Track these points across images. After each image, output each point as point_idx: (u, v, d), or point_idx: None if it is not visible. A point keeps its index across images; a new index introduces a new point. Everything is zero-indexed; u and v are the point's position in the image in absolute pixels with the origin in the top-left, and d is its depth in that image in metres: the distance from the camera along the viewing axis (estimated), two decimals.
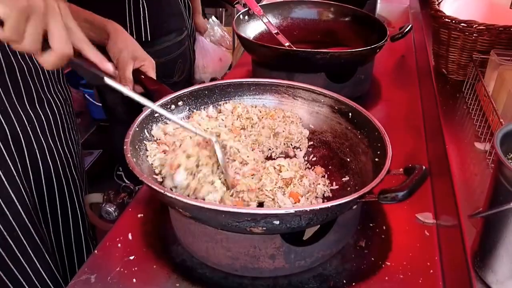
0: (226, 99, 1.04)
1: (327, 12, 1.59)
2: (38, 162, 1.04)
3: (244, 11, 1.49)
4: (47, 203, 1.08)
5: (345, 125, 0.98)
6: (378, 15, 1.89)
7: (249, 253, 0.75)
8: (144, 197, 0.97)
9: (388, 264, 0.80)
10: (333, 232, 0.77)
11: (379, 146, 0.85)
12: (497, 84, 1.01)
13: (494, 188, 0.62)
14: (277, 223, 0.67)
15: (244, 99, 1.06)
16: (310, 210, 0.66)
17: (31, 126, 1.01)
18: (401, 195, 0.68)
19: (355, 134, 0.95)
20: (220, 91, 1.04)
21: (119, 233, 0.87)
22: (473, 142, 0.96)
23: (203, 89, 1.01)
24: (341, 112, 0.99)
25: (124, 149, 0.79)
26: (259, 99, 1.06)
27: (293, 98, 1.05)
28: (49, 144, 1.06)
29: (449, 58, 1.22)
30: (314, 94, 1.02)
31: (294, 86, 1.04)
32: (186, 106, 1.00)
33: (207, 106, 1.02)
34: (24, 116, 0.99)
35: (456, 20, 1.14)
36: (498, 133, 0.62)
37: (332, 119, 1.01)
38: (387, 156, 0.79)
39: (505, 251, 0.61)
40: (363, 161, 0.90)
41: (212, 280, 0.79)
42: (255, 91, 1.06)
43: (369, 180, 0.83)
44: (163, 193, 0.69)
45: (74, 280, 0.78)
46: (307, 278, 0.78)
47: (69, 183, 1.13)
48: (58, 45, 0.66)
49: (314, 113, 1.03)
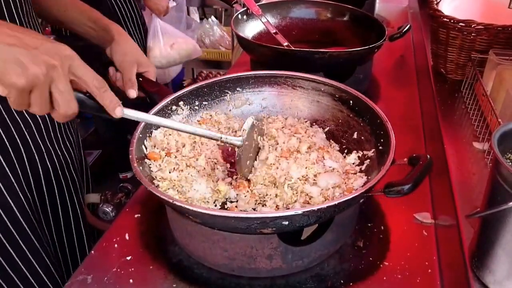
0: (226, 94, 1.04)
1: (326, 11, 1.58)
2: (37, 165, 1.03)
3: (243, 11, 1.49)
4: (49, 206, 1.07)
5: (346, 112, 0.98)
6: (377, 14, 1.89)
7: (246, 253, 0.75)
8: (141, 197, 0.97)
9: (386, 264, 0.80)
10: (330, 232, 0.77)
11: (382, 134, 0.86)
12: (495, 83, 1.01)
13: (492, 188, 0.61)
14: (286, 224, 0.67)
15: (244, 93, 1.05)
16: (317, 209, 0.67)
17: (29, 131, 1.00)
18: (407, 188, 0.69)
19: (357, 121, 0.95)
20: (220, 87, 1.03)
21: (116, 233, 0.87)
22: (472, 142, 0.96)
23: (203, 86, 1.01)
24: (342, 100, 0.98)
25: (130, 159, 0.79)
26: (258, 92, 1.06)
27: (293, 88, 1.04)
28: (47, 147, 1.05)
29: (448, 58, 1.22)
30: (313, 83, 1.02)
31: (293, 76, 1.04)
32: (187, 105, 1.00)
33: (208, 103, 1.02)
34: (21, 121, 0.98)
35: (455, 19, 1.14)
36: (496, 133, 0.62)
37: (334, 107, 1.00)
38: (391, 146, 0.79)
39: (503, 251, 0.60)
40: (368, 149, 0.90)
41: (210, 280, 0.78)
42: (254, 84, 1.05)
43: (375, 168, 0.84)
44: (172, 203, 0.69)
45: (70, 280, 0.78)
46: (305, 278, 0.78)
47: (69, 184, 1.13)
48: (62, 107, 0.67)
49: (315, 102, 1.03)
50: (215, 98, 1.04)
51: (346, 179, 0.86)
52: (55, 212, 1.09)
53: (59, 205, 1.11)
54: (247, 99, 1.06)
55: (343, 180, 0.85)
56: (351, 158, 0.91)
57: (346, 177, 0.86)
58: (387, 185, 0.70)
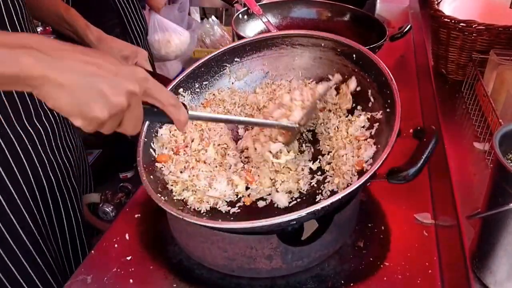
0: (225, 67, 1.01)
1: (327, 11, 1.58)
2: (40, 175, 1.02)
3: (243, 11, 1.49)
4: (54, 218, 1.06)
5: (351, 67, 0.93)
6: (378, 15, 1.88)
7: (246, 254, 0.75)
8: (141, 197, 0.96)
9: (387, 264, 0.80)
10: (329, 232, 0.77)
11: (388, 93, 0.83)
12: (496, 84, 1.00)
13: (493, 189, 0.61)
14: (294, 223, 0.69)
15: (243, 62, 1.01)
16: (328, 204, 0.67)
17: (32, 144, 0.99)
18: (412, 173, 0.66)
19: (363, 77, 0.90)
20: (217, 62, 1.00)
21: (116, 233, 0.87)
22: (472, 142, 0.96)
23: (200, 66, 0.98)
24: (344, 54, 0.94)
25: (139, 171, 0.78)
26: (257, 58, 1.02)
27: (292, 47, 1.00)
28: (48, 156, 1.04)
29: (449, 58, 1.21)
30: (313, 39, 0.97)
31: (291, 34, 0.99)
32: (187, 90, 0.97)
33: (208, 82, 1.00)
34: (24, 134, 0.97)
35: (456, 20, 1.13)
36: (497, 134, 0.61)
37: (337, 61, 0.95)
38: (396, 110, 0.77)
39: (504, 252, 0.60)
40: (376, 109, 0.86)
41: (210, 281, 0.78)
42: (251, 51, 1.01)
43: (383, 135, 0.81)
44: (182, 219, 0.70)
45: (70, 280, 0.78)
46: (305, 279, 0.78)
47: (69, 190, 1.11)
48: (130, 130, 0.61)
49: (317, 58, 0.98)
50: (214, 75, 1.00)
51: (356, 149, 0.82)
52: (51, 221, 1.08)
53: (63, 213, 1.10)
54: (248, 69, 1.02)
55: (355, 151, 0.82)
56: (361, 120, 0.87)
57: (357, 145, 0.83)
58: (389, 172, 0.68)
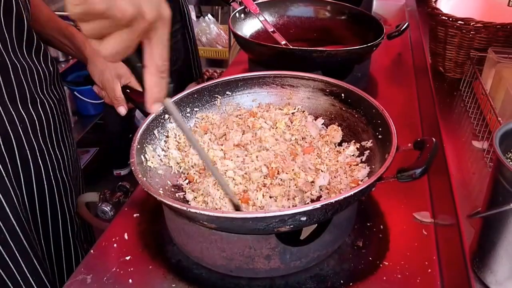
0: (216, 98, 1.03)
1: (324, 10, 1.58)
2: (29, 164, 1.01)
3: (240, 9, 1.49)
4: (38, 207, 1.05)
5: (339, 106, 0.98)
6: (375, 13, 1.88)
7: (244, 254, 0.74)
8: (139, 196, 0.96)
9: (386, 263, 0.80)
10: (328, 233, 0.77)
11: (379, 123, 0.87)
12: (494, 82, 1.01)
13: (493, 188, 0.61)
14: (304, 219, 0.67)
15: (233, 96, 1.05)
16: (335, 201, 0.66)
17: (22, 126, 0.98)
18: (419, 171, 0.69)
19: (351, 113, 0.96)
20: (209, 92, 1.03)
21: (115, 233, 0.87)
22: (471, 141, 0.96)
23: (193, 93, 1.00)
24: (333, 94, 0.99)
25: (133, 170, 0.78)
26: (248, 94, 1.05)
27: (282, 87, 1.05)
28: (40, 146, 1.03)
29: (446, 56, 1.21)
30: (303, 80, 1.02)
31: (281, 75, 1.04)
32: (179, 112, 0.98)
33: (199, 109, 1.02)
34: (16, 116, 0.97)
35: (453, 18, 1.13)
36: (497, 133, 0.61)
37: (325, 101, 1.01)
38: (392, 133, 0.80)
39: (505, 251, 0.60)
40: (366, 139, 0.91)
41: (209, 281, 0.78)
42: (243, 86, 1.05)
43: (376, 158, 0.84)
44: (186, 210, 0.68)
45: (70, 280, 0.78)
46: (304, 279, 0.78)
47: (59, 185, 1.11)
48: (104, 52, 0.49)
49: (306, 99, 1.03)
50: (205, 104, 1.03)
51: (349, 172, 0.86)
52: (43, 215, 1.07)
53: (48, 208, 1.08)
54: (237, 104, 1.05)
55: (348, 172, 0.86)
56: (350, 150, 0.91)
57: (349, 169, 0.87)
58: (399, 170, 0.70)
